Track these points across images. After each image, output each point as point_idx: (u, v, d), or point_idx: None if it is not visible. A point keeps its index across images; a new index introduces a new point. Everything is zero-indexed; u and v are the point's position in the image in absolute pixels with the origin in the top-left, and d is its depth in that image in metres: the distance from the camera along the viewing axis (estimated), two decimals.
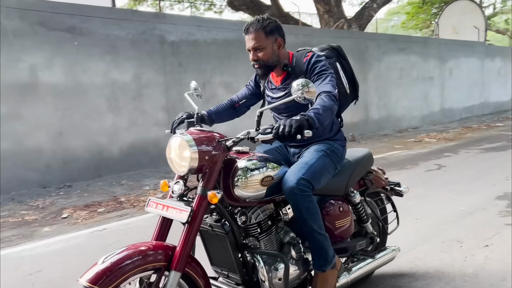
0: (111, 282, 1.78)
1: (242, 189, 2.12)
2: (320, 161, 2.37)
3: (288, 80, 2.48)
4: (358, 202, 2.72)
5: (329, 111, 2.18)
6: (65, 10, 6.98)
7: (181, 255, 1.93)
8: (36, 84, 6.63)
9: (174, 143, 2.06)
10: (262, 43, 2.38)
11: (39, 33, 6.66)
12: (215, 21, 9.29)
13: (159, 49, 8.01)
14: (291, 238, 2.36)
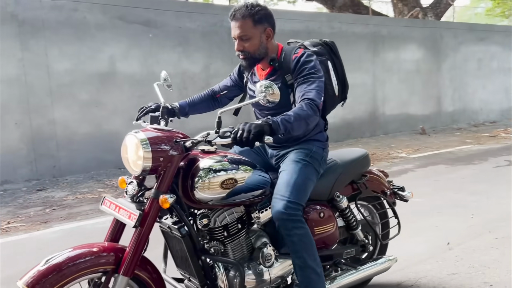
0: (50, 286, 1.67)
1: (201, 191, 1.94)
2: (302, 174, 2.18)
3: (274, 76, 2.27)
4: (345, 208, 2.51)
5: (302, 121, 2.00)
6: (143, 5, 7.49)
7: (129, 260, 1.82)
8: (114, 73, 7.22)
9: (128, 142, 1.91)
10: (248, 32, 2.17)
11: (118, 26, 7.22)
12: (282, 12, 9.42)
13: (227, 40, 8.33)
14: (262, 244, 2.18)
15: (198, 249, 2.01)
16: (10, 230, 4.62)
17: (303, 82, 2.15)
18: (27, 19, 6.44)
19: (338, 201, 2.47)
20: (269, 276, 2.16)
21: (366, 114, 10.84)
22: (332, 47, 2.46)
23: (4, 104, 6.33)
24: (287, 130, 1.94)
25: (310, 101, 2.06)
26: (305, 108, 2.03)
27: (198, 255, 2.02)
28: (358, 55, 10.48)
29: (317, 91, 2.12)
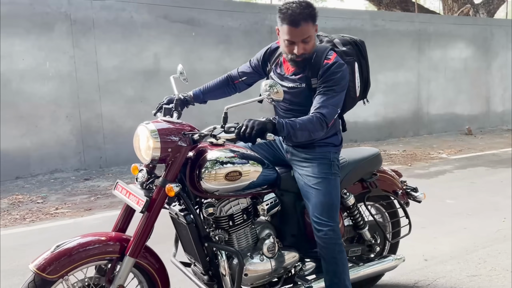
0: (58, 270, 1.80)
1: (207, 181, 2.04)
2: (334, 191, 2.28)
3: (300, 75, 2.26)
4: (352, 206, 2.56)
5: (307, 132, 2.05)
6: (186, 4, 7.76)
7: (136, 242, 1.95)
8: (158, 70, 7.54)
9: (140, 132, 2.03)
10: (311, 33, 2.14)
11: (162, 25, 7.53)
12: (323, 10, 9.43)
13: (268, 38, 8.45)
14: (266, 235, 2.28)
15: (202, 236, 2.11)
16: (58, 215, 5.00)
17: (324, 94, 2.15)
18: (79, 18, 6.85)
19: (345, 198, 2.52)
20: (270, 266, 2.25)
21: (410, 113, 10.66)
22: (361, 48, 2.45)
23: (57, 98, 6.78)
24: (289, 135, 2.02)
25: (322, 117, 2.09)
26: (315, 122, 2.07)
27: (202, 242, 2.13)
28: (402, 53, 10.32)
29: (333, 108, 2.14)
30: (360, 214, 2.65)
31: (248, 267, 2.19)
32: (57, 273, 1.81)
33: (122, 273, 1.95)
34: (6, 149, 6.47)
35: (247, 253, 2.24)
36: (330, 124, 2.14)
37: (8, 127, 6.46)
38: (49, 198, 5.71)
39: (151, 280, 2.10)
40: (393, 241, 2.91)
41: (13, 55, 6.41)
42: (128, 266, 1.96)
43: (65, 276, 1.85)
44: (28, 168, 6.66)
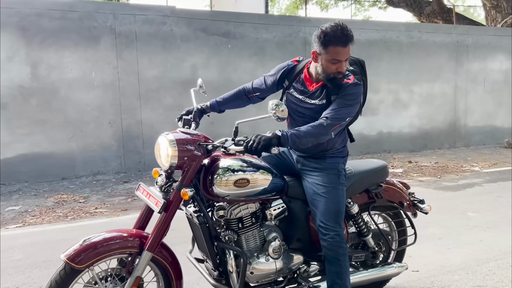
0: (85, 261, 2.06)
1: (218, 187, 2.25)
2: (342, 200, 2.46)
3: (324, 91, 2.41)
4: (356, 214, 2.69)
5: (311, 138, 2.26)
6: (223, 18, 8.15)
7: (153, 238, 2.18)
8: (195, 80, 7.87)
9: (161, 141, 2.25)
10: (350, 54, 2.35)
11: (200, 37, 7.94)
12: (358, 22, 9.58)
13: (302, 50, 8.70)
14: (272, 237, 2.45)
15: (213, 236, 2.33)
16: (96, 214, 5.43)
17: (337, 104, 2.34)
18: (123, 31, 7.36)
19: (349, 207, 2.66)
20: (275, 267, 2.43)
21: (446, 124, 10.58)
22: (363, 66, 2.61)
23: (101, 105, 7.30)
24: (295, 144, 2.23)
25: (325, 120, 2.28)
26: (318, 126, 2.27)
27: (212, 241, 2.34)
28: (439, 64, 10.28)
29: (342, 116, 2.32)
30: (364, 222, 2.78)
31: (254, 266, 2.38)
32: (84, 263, 2.07)
33: (140, 265, 2.19)
34: (54, 152, 7.04)
35: (254, 253, 2.41)
36: (335, 127, 2.30)
37: (56, 132, 7.03)
38: (90, 198, 6.18)
39: (165, 273, 2.34)
40: (397, 250, 3.01)
41: (62, 66, 6.99)
42: (146, 260, 2.20)
43: (90, 266, 2.11)
44: (73, 170, 7.20)
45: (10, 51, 6.68)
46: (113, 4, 8.58)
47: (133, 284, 2.20)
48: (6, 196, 6.29)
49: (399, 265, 2.95)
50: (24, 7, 6.72)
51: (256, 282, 2.47)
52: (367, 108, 9.45)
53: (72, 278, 2.11)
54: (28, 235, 4.58)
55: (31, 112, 6.87)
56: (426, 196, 5.76)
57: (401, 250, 3.07)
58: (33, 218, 5.26)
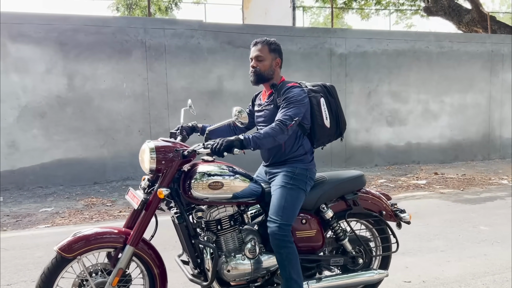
0: (74, 251, 2.33)
1: (195, 189, 2.49)
2: (289, 197, 2.63)
3: (271, 98, 2.78)
4: (330, 219, 2.84)
5: (270, 138, 2.52)
6: (249, 31, 8.42)
7: (134, 234, 2.43)
8: (221, 91, 8.24)
9: (143, 148, 2.55)
10: (264, 55, 2.76)
11: (227, 50, 8.24)
12: (386, 33, 9.58)
13: (327, 61, 8.83)
14: (249, 239, 2.66)
15: (191, 235, 2.57)
16: (119, 217, 5.79)
17: (284, 107, 2.64)
18: (153, 45, 7.78)
19: (323, 212, 2.83)
20: (250, 267, 2.62)
21: (479, 136, 10.34)
22: (329, 89, 2.88)
23: (131, 114, 7.73)
24: (256, 145, 2.50)
25: (280, 122, 2.57)
26: (275, 127, 2.55)
27: (191, 240, 2.58)
28: (471, 74, 10.09)
29: (290, 116, 2.59)
30: (340, 226, 2.92)
31: (231, 264, 2.59)
32: (73, 253, 2.35)
33: (123, 259, 2.44)
34: (87, 158, 7.52)
35: (232, 252, 2.62)
36: (289, 127, 2.57)
37: (89, 139, 7.51)
38: (117, 202, 6.57)
39: (150, 271, 2.57)
40: (380, 256, 3.11)
41: (96, 77, 7.48)
42: (128, 253, 2.44)
43: (78, 256, 2.37)
44: (104, 175, 7.66)
45: (49, 64, 7.23)
46: (144, 19, 9.05)
47: (116, 275, 2.45)
48: (42, 198, 6.80)
49: (379, 271, 3.03)
50: (62, 23, 7.27)
51: (233, 280, 2.65)
52: (395, 117, 9.50)
53: (62, 266, 2.39)
54: (53, 234, 4.97)
55: (67, 120, 7.38)
56: (442, 209, 5.87)
57: (386, 257, 3.16)
58: (61, 219, 5.69)
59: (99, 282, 2.47)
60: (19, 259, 4.13)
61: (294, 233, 2.71)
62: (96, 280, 2.47)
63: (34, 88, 7.20)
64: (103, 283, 2.47)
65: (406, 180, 8.04)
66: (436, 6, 14.77)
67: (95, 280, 2.47)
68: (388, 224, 3.11)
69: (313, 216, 2.82)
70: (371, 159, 9.44)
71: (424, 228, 5.04)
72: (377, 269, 3.10)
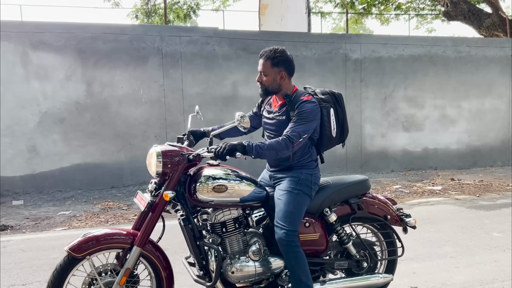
0: (83, 251, 2.42)
1: (200, 192, 2.57)
2: (295, 203, 2.68)
3: (284, 108, 2.79)
4: (334, 222, 2.88)
5: (273, 151, 2.59)
6: (264, 37, 8.52)
7: (141, 235, 2.51)
8: (236, 97, 8.34)
9: (150, 152, 2.63)
10: (267, 70, 2.78)
11: (241, 56, 8.35)
12: (401, 38, 9.53)
13: (342, 66, 8.85)
14: (254, 242, 2.72)
15: (196, 236, 2.65)
16: (133, 220, 5.91)
17: (294, 122, 2.67)
18: (169, 52, 7.94)
19: (326, 216, 2.88)
20: (254, 269, 2.68)
21: (498, 141, 10.17)
22: (338, 98, 2.90)
23: (148, 120, 7.89)
24: (258, 154, 2.57)
25: (288, 138, 2.61)
26: (280, 142, 2.61)
27: (196, 241, 2.65)
28: (490, 79, 9.95)
29: (299, 133, 2.63)
30: (344, 230, 2.97)
31: (235, 266, 2.65)
32: (82, 253, 2.44)
33: (130, 259, 2.53)
34: (105, 162, 7.71)
35: (236, 255, 2.69)
36: (295, 144, 2.62)
37: (107, 144, 7.70)
38: (133, 206, 6.70)
39: (157, 272, 2.65)
40: (383, 260, 3.15)
41: (114, 83, 7.66)
42: (136, 254, 2.53)
43: (88, 256, 2.47)
44: (121, 179, 7.82)
45: (68, 71, 7.45)
46: (160, 27, 9.23)
47: (123, 275, 2.55)
48: (60, 201, 6.99)
49: (384, 275, 3.06)
50: (81, 32, 7.49)
51: (237, 282, 2.73)
52: (411, 123, 9.45)
53: (72, 266, 2.49)
54: (69, 236, 5.05)
55: (85, 125, 7.58)
56: (456, 215, 5.83)
57: (391, 261, 3.18)
58: (78, 222, 5.85)
59: (108, 281, 2.57)
60: (35, 260, 4.28)
61: (298, 236, 2.73)
62: (104, 280, 2.57)
63: (54, 94, 7.42)
64: (111, 282, 2.57)
65: (422, 186, 7.97)
66: (455, 10, 14.60)
67: (104, 279, 2.57)
68: (393, 228, 3.13)
69: (317, 220, 2.86)
70: (387, 164, 9.39)
71: (435, 234, 5.01)
72: (383, 273, 3.12)
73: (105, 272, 2.61)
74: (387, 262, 3.18)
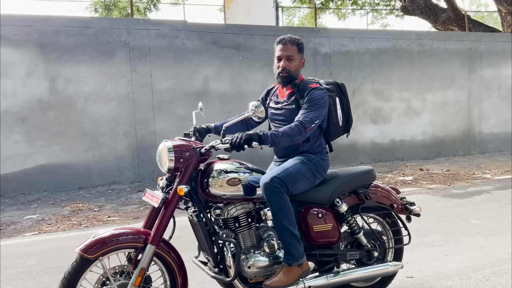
0: (95, 252, 2.32)
1: (213, 187, 2.53)
2: (296, 166, 2.69)
3: (293, 97, 2.79)
4: (345, 213, 2.88)
5: (288, 137, 2.56)
6: (234, 31, 8.38)
7: (155, 232, 2.43)
8: (207, 92, 8.17)
9: (161, 148, 2.55)
10: (294, 55, 2.75)
11: (212, 50, 8.17)
12: (368, 32, 9.69)
13: (311, 60, 8.85)
14: (268, 235, 2.69)
15: (211, 232, 2.60)
16: (109, 222, 5.66)
17: (306, 108, 2.68)
18: (136, 46, 7.65)
19: (338, 206, 2.88)
20: (270, 262, 2.66)
21: (460, 132, 10.54)
22: (341, 88, 2.93)
23: (116, 117, 7.58)
24: (274, 142, 2.54)
25: (300, 124, 2.60)
26: (293, 127, 2.58)
27: (211, 237, 2.60)
28: (451, 72, 10.28)
29: (311, 118, 2.63)
30: (354, 220, 2.97)
31: (251, 261, 2.62)
32: (94, 254, 2.33)
33: (145, 258, 2.43)
34: (71, 162, 7.34)
35: (250, 249, 2.66)
36: (308, 129, 2.61)
37: (73, 143, 7.33)
38: (105, 207, 6.42)
39: (170, 269, 2.57)
40: (391, 248, 3.18)
41: (79, 80, 7.30)
42: (150, 253, 2.43)
43: (100, 257, 2.36)
44: (90, 180, 7.48)
45: (29, 67, 7.02)
46: (127, 20, 8.91)
47: (138, 275, 2.43)
48: (25, 205, 6.60)
49: (395, 263, 3.08)
50: (43, 25, 7.08)
51: (254, 276, 2.66)
52: (378, 115, 9.60)
53: (84, 267, 2.37)
54: (42, 242, 4.82)
55: (50, 124, 7.19)
56: (433, 204, 5.93)
57: (398, 249, 3.22)
58: (49, 226, 5.52)
59: (121, 283, 2.46)
60: (10, 269, 3.98)
61: (312, 227, 2.75)
62: (118, 282, 2.46)
63: (14, 92, 6.98)
64: (125, 284, 2.45)
65: (393, 177, 8.11)
66: (413, 5, 15.01)
67: (118, 281, 2.46)
68: (400, 217, 3.16)
69: (328, 211, 2.84)
70: (357, 157, 9.50)
71: (418, 223, 5.03)
72: (390, 261, 3.14)
73: (118, 273, 2.51)
74: (394, 251, 3.21)
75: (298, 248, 2.62)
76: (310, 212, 2.77)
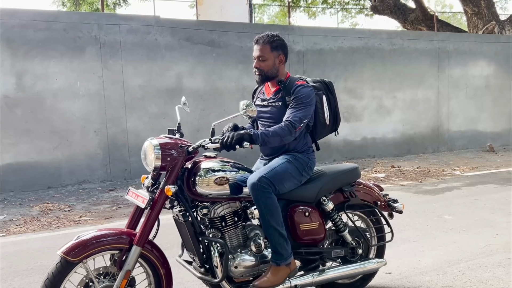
0: (78, 255, 2.23)
1: (200, 186, 2.47)
2: (283, 165, 2.66)
3: (279, 95, 2.76)
4: (331, 211, 2.88)
5: (278, 137, 2.55)
6: (207, 27, 8.29)
7: (141, 233, 2.37)
8: (180, 89, 8.05)
9: (146, 145, 2.50)
10: (266, 55, 2.71)
11: (185, 46, 8.06)
12: (341, 30, 9.77)
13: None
14: (254, 234, 2.66)
15: (197, 232, 2.54)
16: (81, 222, 5.50)
17: (294, 107, 2.65)
18: (107, 41, 7.46)
19: (324, 204, 2.87)
20: (257, 261, 2.63)
21: (429, 130, 10.78)
22: (329, 86, 2.92)
23: (86, 115, 7.38)
24: (264, 142, 2.53)
25: (290, 123, 2.58)
26: (283, 127, 2.57)
27: (197, 237, 2.55)
28: (421, 71, 10.49)
29: (300, 118, 2.61)
30: (340, 218, 2.98)
31: (237, 260, 2.58)
32: (77, 257, 2.24)
33: (130, 260, 2.35)
34: (40, 161, 7.10)
35: (237, 249, 2.62)
36: (297, 129, 2.60)
37: (42, 141, 7.09)
38: (76, 207, 6.24)
39: (155, 270, 2.51)
40: (374, 245, 3.21)
41: (48, 76, 7.07)
42: (135, 254, 2.36)
43: (83, 260, 2.27)
44: (59, 179, 7.26)
45: None
46: (98, 15, 8.68)
47: (123, 278, 2.35)
48: None
49: (378, 260, 3.12)
50: (9, 19, 6.81)
51: (240, 276, 2.62)
52: (351, 114, 9.70)
53: (67, 270, 2.27)
54: (11, 244, 4.63)
55: (17, 122, 6.93)
56: (406, 200, 6.01)
57: (381, 246, 3.25)
58: (17, 227, 5.31)
59: (105, 286, 2.39)
60: None
61: (299, 225, 2.73)
62: (102, 284, 2.38)
63: None
64: (109, 286, 2.38)
65: (366, 174, 8.21)
66: (382, 5, 15.27)
67: (102, 283, 2.38)
68: (383, 214, 3.20)
69: (315, 209, 2.83)
70: (330, 154, 9.58)
71: (393, 219, 5.11)
72: (374, 258, 3.17)
73: (101, 275, 2.42)
74: (376, 248, 3.24)
75: (286, 248, 2.59)
76: (296, 211, 2.75)
